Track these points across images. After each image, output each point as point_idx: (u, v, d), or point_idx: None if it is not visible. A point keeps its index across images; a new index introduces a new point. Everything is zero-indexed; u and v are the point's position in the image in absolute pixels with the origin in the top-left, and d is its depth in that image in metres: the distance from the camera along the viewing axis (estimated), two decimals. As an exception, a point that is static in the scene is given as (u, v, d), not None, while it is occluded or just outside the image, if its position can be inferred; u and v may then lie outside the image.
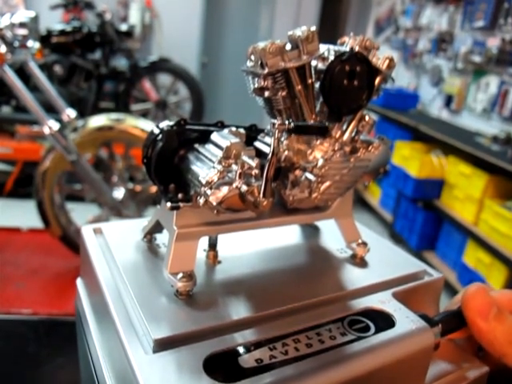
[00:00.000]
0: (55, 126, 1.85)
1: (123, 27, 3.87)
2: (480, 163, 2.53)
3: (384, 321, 0.36)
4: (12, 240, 2.38)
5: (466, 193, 2.67)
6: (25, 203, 2.48)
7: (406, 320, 0.36)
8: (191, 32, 4.76)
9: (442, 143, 2.86)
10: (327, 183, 0.38)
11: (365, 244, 0.45)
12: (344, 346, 0.33)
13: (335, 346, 0.32)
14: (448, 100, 3.48)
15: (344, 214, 0.45)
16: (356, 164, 0.40)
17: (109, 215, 2.15)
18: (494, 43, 2.98)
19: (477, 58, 3.11)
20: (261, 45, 0.36)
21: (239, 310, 0.35)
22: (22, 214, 2.57)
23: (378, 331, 0.35)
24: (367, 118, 0.40)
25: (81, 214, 2.22)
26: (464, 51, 3.24)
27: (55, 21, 3.81)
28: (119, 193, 2.16)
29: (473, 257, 2.54)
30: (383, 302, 0.38)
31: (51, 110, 1.96)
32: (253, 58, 0.37)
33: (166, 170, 0.38)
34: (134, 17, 4.56)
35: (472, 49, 3.20)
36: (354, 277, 0.42)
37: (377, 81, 0.39)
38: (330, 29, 5.00)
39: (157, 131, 0.38)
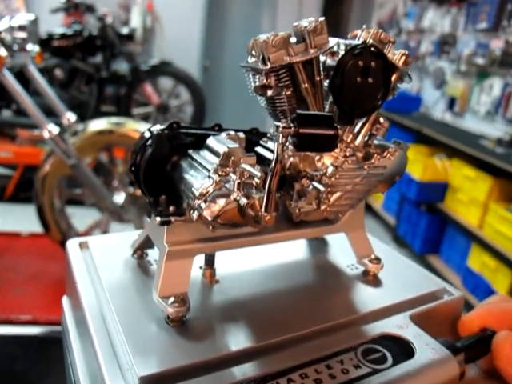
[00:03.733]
0: (55, 129, 1.82)
1: (124, 31, 3.84)
2: (484, 166, 2.49)
3: (402, 349, 0.32)
4: (12, 245, 2.35)
5: (470, 196, 2.63)
6: (26, 207, 2.45)
7: (426, 348, 0.32)
8: (192, 35, 4.73)
9: (446, 146, 2.82)
10: (338, 194, 0.34)
11: (378, 260, 0.41)
12: (358, 381, 0.28)
13: (348, 383, 0.28)
14: (451, 102, 3.44)
15: (355, 227, 0.40)
16: (370, 172, 0.35)
17: (109, 220, 2.12)
18: (497, 45, 2.94)
19: (480, 60, 3.07)
20: (262, 37, 0.31)
21: (238, 339, 0.31)
22: (22, 219, 2.55)
23: (396, 362, 0.31)
24: (382, 120, 0.36)
25: (81, 219, 2.19)
26: (467, 53, 3.20)
27: (56, 24, 3.79)
28: (120, 197, 2.12)
29: (477, 261, 2.50)
30: (400, 326, 0.34)
31: (51, 114, 1.93)
32: (254, 52, 0.32)
33: (157, 180, 0.33)
34: (135, 20, 4.53)
35: (475, 51, 3.16)
36: (367, 297, 0.37)
37: (393, 78, 0.35)
38: (331, 31, 4.96)
39: (147, 135, 0.34)
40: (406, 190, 3.12)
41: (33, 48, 1.84)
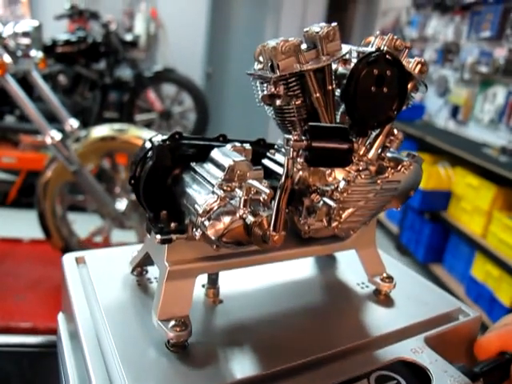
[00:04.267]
0: (57, 136, 1.81)
1: (128, 37, 3.84)
2: (488, 175, 2.47)
3: (418, 376, 0.30)
4: (13, 251, 2.33)
5: (473, 205, 2.61)
6: (28, 213, 2.44)
7: (444, 375, 0.30)
8: (196, 42, 4.73)
9: (449, 154, 2.80)
10: (350, 210, 0.32)
11: (390, 278, 0.38)
12: (373, 414, 0.26)
13: (362, 415, 0.26)
14: (454, 111, 3.42)
15: (366, 244, 0.38)
16: (383, 186, 0.33)
17: (111, 226, 2.10)
18: (501, 53, 2.93)
19: (484, 69, 3.06)
20: (271, 43, 0.29)
21: (244, 366, 0.28)
22: (24, 225, 2.53)
23: (412, 392, 0.28)
24: (396, 131, 0.33)
25: (83, 225, 2.17)
26: (471, 61, 3.19)
27: (60, 31, 3.79)
28: (122, 204, 2.11)
29: (481, 270, 2.47)
30: (415, 351, 0.32)
31: (54, 120, 1.93)
32: (261, 59, 0.30)
33: (157, 193, 0.31)
34: (139, 27, 4.54)
35: (479, 59, 3.15)
36: (379, 319, 0.35)
37: (408, 87, 0.33)
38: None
39: (148, 146, 0.32)
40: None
41: (36, 54, 1.84)
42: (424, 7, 3.95)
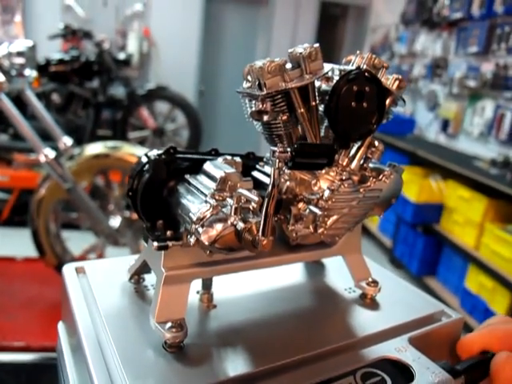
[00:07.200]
0: (51, 154, 1.83)
1: (121, 56, 3.89)
2: (479, 187, 2.51)
3: (402, 373, 0.32)
4: (6, 269, 2.32)
5: (465, 217, 2.63)
6: (21, 231, 2.44)
7: (426, 372, 0.32)
8: (188, 60, 4.80)
9: (441, 167, 2.84)
10: (334, 217, 0.34)
11: (376, 283, 0.41)
12: (358, 407, 0.28)
13: (348, 408, 0.28)
14: (445, 124, 3.48)
15: (352, 250, 0.40)
16: (366, 195, 0.35)
17: (105, 244, 2.10)
18: (488, 68, 2.99)
19: (472, 83, 3.12)
20: (258, 63, 0.32)
21: (236, 365, 0.30)
22: (18, 243, 2.52)
23: (395, 387, 0.30)
24: (376, 143, 0.36)
25: (76, 243, 2.17)
26: (459, 76, 3.25)
27: (54, 50, 3.83)
28: (116, 221, 2.11)
29: (475, 282, 2.49)
30: (399, 349, 0.34)
31: (48, 138, 1.94)
32: (249, 78, 0.33)
33: (154, 204, 0.33)
34: (132, 45, 4.60)
35: (467, 74, 3.21)
36: (365, 321, 0.37)
37: (387, 102, 0.35)
38: (325, 55, 5.03)
39: (144, 160, 0.34)
40: (402, 211, 3.13)
41: (30, 73, 1.86)
42: (412, 24, 4.03)
